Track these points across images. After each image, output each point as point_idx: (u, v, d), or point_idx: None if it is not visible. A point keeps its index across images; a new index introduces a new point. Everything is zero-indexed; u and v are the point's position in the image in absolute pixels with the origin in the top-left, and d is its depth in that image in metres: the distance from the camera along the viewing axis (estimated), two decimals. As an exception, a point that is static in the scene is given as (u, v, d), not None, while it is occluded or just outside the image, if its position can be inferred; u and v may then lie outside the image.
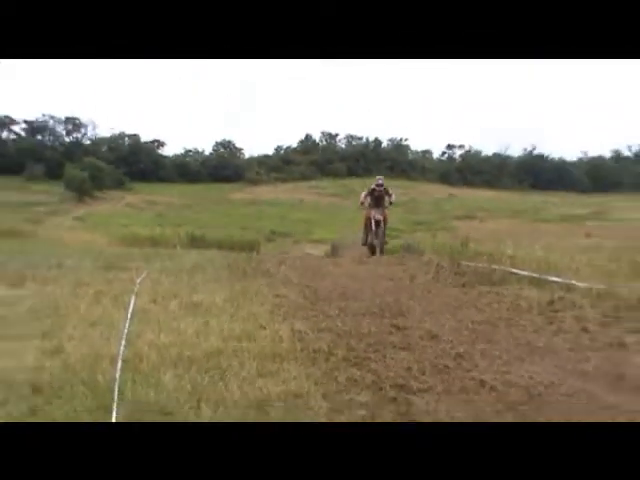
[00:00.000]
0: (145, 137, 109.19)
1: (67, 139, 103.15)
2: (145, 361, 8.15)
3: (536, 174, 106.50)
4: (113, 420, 5.66)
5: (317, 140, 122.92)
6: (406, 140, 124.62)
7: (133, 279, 15.82)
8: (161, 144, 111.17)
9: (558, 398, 7.19)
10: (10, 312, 11.53)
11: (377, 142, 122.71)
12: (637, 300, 12.36)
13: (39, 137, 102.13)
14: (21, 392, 6.88)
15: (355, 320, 11.86)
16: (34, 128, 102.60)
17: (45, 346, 8.95)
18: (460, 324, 11.48)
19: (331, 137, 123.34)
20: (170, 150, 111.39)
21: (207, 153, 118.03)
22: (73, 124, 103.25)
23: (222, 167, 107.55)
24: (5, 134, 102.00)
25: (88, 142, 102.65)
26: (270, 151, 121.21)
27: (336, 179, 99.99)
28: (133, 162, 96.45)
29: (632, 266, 17.41)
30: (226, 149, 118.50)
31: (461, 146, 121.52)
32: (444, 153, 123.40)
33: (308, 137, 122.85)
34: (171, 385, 7.13)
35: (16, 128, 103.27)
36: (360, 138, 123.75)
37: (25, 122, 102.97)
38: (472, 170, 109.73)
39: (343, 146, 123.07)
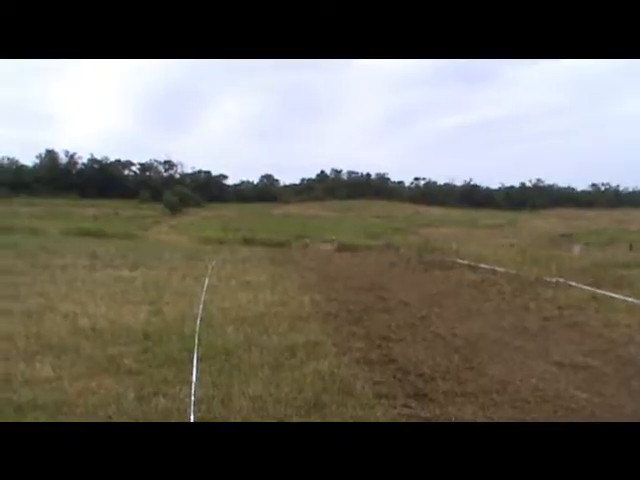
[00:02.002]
0: (214, 172, 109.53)
1: (165, 174, 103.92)
2: (215, 319, 8.17)
3: (472, 197, 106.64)
4: (194, 361, 5.73)
5: (328, 174, 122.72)
6: (387, 174, 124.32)
7: (207, 266, 15.93)
8: (224, 177, 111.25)
9: (485, 344, 7.18)
10: (129, 286, 11.64)
11: (368, 175, 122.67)
12: (535, 279, 12.69)
13: (147, 173, 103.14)
14: (137, 337, 6.96)
15: (353, 293, 11.85)
16: (144, 167, 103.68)
17: (151, 309, 9.01)
18: (423, 295, 11.52)
19: (337, 172, 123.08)
20: (231, 181, 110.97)
21: (255, 182, 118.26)
22: (169, 164, 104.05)
23: (265, 192, 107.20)
24: (127, 172, 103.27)
25: (178, 176, 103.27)
26: (297, 181, 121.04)
27: (340, 200, 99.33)
28: (206, 189, 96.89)
29: (532, 257, 17.96)
30: (268, 180, 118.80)
31: (424, 178, 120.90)
32: (412, 183, 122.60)
33: (322, 172, 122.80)
34: (232, 335, 7.15)
35: (133, 168, 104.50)
36: (357, 173, 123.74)
37: (139, 164, 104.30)
38: (431, 194, 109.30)
39: (345, 178, 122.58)
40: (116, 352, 6.14)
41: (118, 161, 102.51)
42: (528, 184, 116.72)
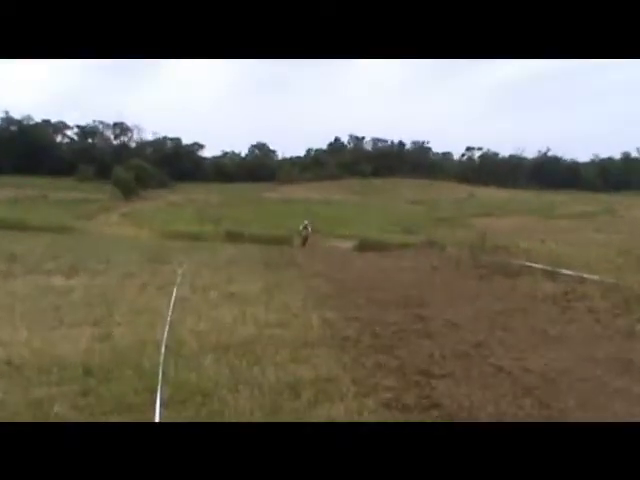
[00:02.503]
0: (186, 140, 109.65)
1: (114, 142, 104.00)
2: (187, 346, 8.21)
3: (549, 175, 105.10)
4: (158, 402, 5.76)
5: (345, 142, 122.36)
6: (428, 143, 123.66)
7: (175, 271, 15.98)
8: (200, 146, 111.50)
9: (570, 383, 7.11)
10: (63, 300, 11.68)
11: (401, 144, 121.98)
12: (644, 293, 12.24)
13: (89, 140, 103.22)
14: (75, 373, 6.96)
15: (380, 309, 11.79)
16: (85, 132, 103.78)
17: (95, 332, 9.04)
18: (479, 313, 11.41)
19: (358, 140, 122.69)
20: (209, 152, 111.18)
21: (243, 154, 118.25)
22: (120, 129, 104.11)
23: (257, 168, 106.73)
24: (59, 138, 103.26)
25: (133, 145, 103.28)
26: (302, 153, 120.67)
27: (362, 179, 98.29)
28: (175, 163, 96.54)
29: (639, 260, 17.31)
30: (261, 151, 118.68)
31: (479, 148, 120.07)
32: (463, 155, 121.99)
33: (337, 140, 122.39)
34: (211, 369, 7.16)
35: (69, 132, 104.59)
36: (385, 141, 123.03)
37: (77, 127, 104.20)
38: (490, 170, 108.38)
39: (369, 148, 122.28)
40: (43, 395, 6.13)
41: (47, 122, 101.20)
42: (635, 154, 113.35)
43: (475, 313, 11.50)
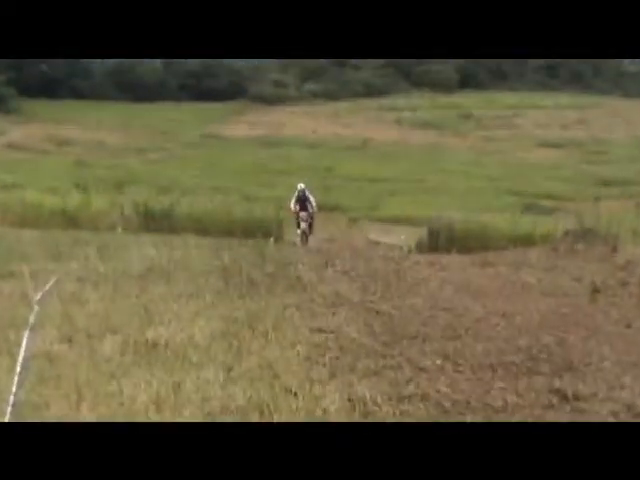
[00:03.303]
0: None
1: None
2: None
3: None
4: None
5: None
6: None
7: (27, 295, 8.98)
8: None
9: None
10: None
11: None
12: None
13: None
14: None
15: (477, 379, 6.75)
16: None
17: None
18: None
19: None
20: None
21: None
22: None
23: (208, 74, 60.90)
24: None
25: None
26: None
27: (438, 93, 58.80)
28: (22, 66, 52.48)
29: None
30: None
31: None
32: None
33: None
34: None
35: None
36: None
37: None
38: None
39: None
40: None
41: None
42: None
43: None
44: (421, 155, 40.83)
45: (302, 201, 18.10)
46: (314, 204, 18.58)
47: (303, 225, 18.15)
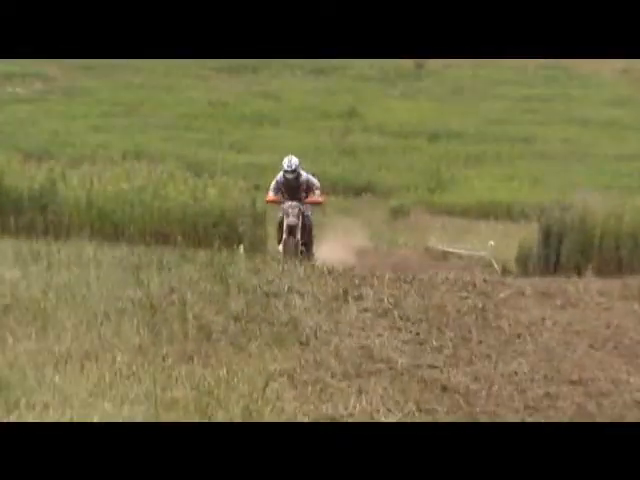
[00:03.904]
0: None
1: None
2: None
3: None
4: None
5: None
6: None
7: None
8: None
9: None
10: None
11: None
12: None
13: None
14: None
15: None
16: None
17: None
18: None
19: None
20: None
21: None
22: None
23: None
24: None
25: None
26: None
27: None
28: None
29: None
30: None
31: None
32: None
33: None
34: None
35: None
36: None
37: None
38: None
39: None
40: None
41: None
42: None
43: None
44: (530, 80, 23.18)
45: (291, 187, 10.89)
46: (318, 184, 11.23)
47: (290, 220, 10.73)
